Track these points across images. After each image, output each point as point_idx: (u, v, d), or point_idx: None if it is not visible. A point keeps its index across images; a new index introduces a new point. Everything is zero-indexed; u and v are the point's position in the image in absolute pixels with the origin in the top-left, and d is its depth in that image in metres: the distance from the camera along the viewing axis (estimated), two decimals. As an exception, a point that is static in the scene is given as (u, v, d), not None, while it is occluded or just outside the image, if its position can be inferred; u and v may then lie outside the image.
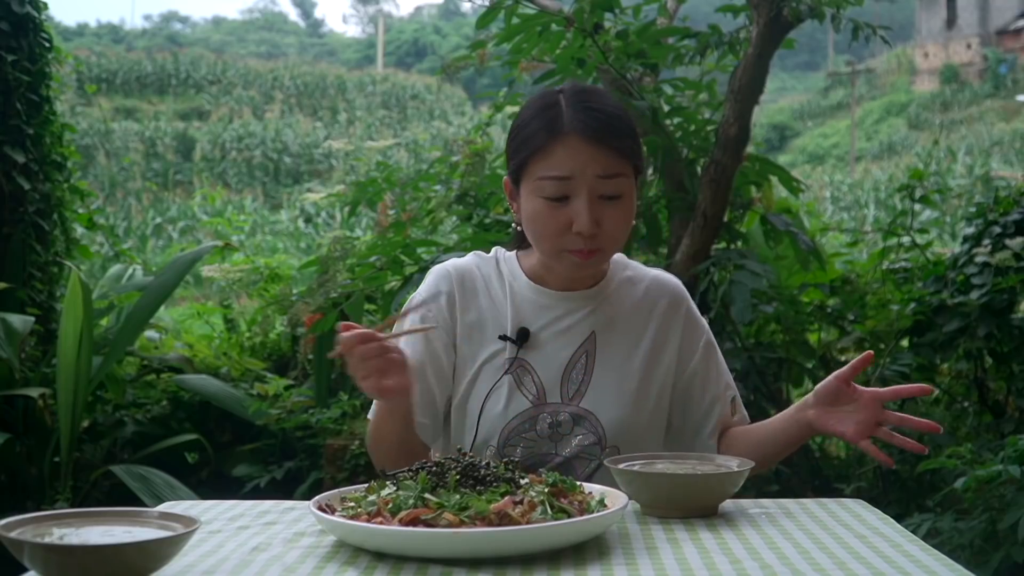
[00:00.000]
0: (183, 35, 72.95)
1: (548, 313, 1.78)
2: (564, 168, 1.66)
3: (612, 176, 1.67)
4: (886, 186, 22.78)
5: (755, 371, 3.55)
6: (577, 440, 1.74)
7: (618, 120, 1.70)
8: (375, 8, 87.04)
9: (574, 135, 1.66)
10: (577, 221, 1.66)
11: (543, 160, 1.67)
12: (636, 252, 3.57)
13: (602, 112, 1.69)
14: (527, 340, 1.76)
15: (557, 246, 1.69)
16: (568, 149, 1.66)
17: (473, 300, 1.79)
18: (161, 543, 1.18)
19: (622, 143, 1.68)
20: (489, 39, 3.59)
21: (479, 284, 1.81)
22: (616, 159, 1.67)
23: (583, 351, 1.77)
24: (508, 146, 1.77)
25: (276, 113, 34.16)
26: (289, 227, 20.27)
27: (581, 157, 1.66)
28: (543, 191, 1.67)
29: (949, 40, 42.34)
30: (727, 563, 1.24)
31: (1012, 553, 2.62)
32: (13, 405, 3.90)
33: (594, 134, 1.66)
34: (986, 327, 3.36)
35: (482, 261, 1.85)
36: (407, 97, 36.74)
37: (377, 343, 1.52)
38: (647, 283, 1.84)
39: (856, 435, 1.64)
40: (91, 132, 27.34)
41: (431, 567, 1.24)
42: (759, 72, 3.30)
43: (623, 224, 1.70)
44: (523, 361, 1.75)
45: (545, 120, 1.69)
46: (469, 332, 1.78)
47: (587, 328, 1.78)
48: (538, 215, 1.69)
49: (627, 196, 1.70)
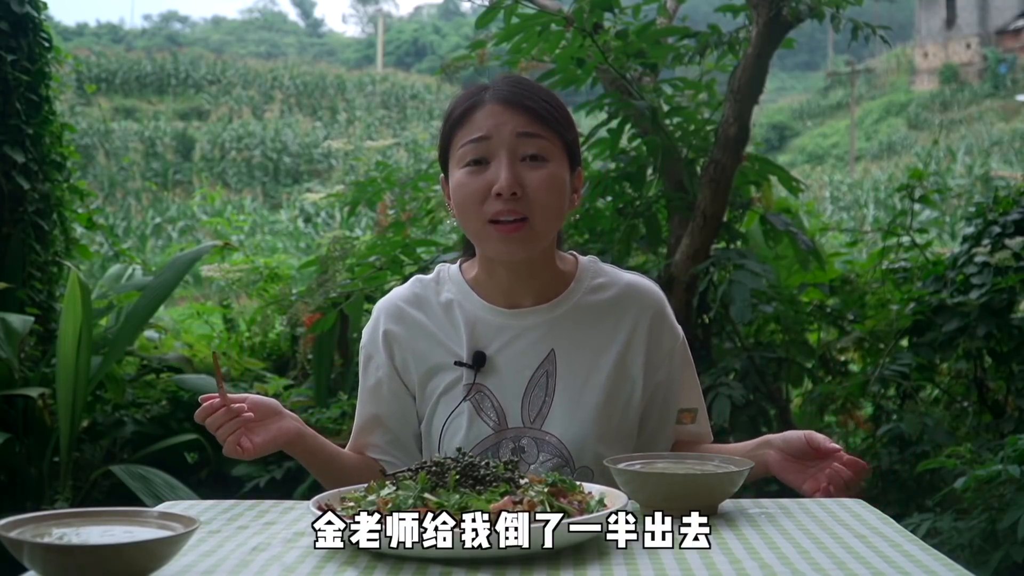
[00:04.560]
0: (183, 35, 72.94)
1: (504, 333, 1.70)
2: (481, 128, 1.62)
3: (531, 136, 1.62)
4: (886, 186, 22.78)
5: (755, 371, 3.55)
6: (542, 465, 1.66)
7: (543, 92, 1.68)
8: (375, 8, 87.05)
9: (493, 101, 1.64)
10: (497, 182, 1.60)
11: (463, 128, 1.64)
12: (636, 252, 3.57)
13: (524, 85, 1.67)
14: (483, 364, 1.69)
15: (481, 217, 1.62)
16: (485, 112, 1.64)
17: (419, 333, 1.73)
18: (161, 543, 1.18)
19: (540, 105, 1.64)
20: (489, 39, 3.59)
21: (423, 313, 1.74)
22: (536, 120, 1.63)
23: (543, 371, 1.69)
24: (439, 140, 1.73)
25: (276, 113, 34.15)
26: (289, 227, 20.26)
27: (499, 117, 1.62)
28: (464, 159, 1.63)
29: (949, 40, 42.33)
30: (727, 563, 1.24)
31: (1012, 553, 2.62)
32: (13, 405, 3.89)
33: (512, 96, 1.64)
34: (986, 327, 3.35)
35: (423, 287, 1.76)
36: (407, 97, 36.73)
37: (223, 410, 1.59)
38: (617, 290, 1.74)
39: (810, 491, 1.62)
40: (91, 132, 27.32)
41: (431, 567, 1.24)
42: (759, 72, 3.30)
43: (550, 191, 1.62)
44: (481, 386, 1.69)
45: (467, 99, 1.67)
46: (421, 365, 1.72)
47: (545, 347, 1.69)
48: (460, 185, 1.63)
49: (553, 163, 1.63)
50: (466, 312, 1.72)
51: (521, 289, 1.71)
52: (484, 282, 1.73)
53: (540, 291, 1.72)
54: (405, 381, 1.74)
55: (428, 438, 1.74)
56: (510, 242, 1.62)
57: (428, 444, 1.74)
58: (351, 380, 4.38)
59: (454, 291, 1.74)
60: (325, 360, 4.26)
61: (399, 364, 1.74)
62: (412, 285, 1.78)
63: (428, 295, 1.75)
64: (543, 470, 1.64)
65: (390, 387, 1.74)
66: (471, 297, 1.73)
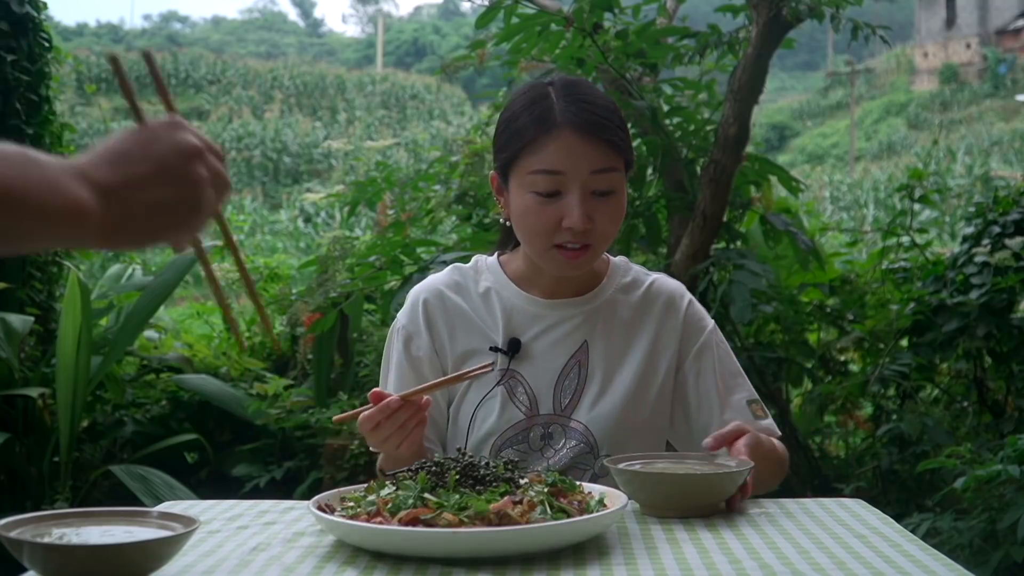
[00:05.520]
0: (182, 35, 72.97)
1: (539, 323, 1.75)
2: (557, 163, 1.63)
3: (605, 171, 1.64)
4: (885, 186, 22.78)
5: (755, 371, 3.55)
6: (569, 450, 1.71)
7: (610, 113, 1.67)
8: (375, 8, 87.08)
9: (567, 129, 1.63)
10: (568, 217, 1.62)
11: (534, 154, 1.64)
12: (636, 252, 3.57)
13: (594, 105, 1.66)
14: (519, 351, 1.74)
15: (547, 242, 1.66)
16: (560, 143, 1.63)
17: (458, 318, 1.76)
18: (160, 543, 1.18)
19: (614, 136, 1.65)
20: (489, 39, 3.60)
21: (462, 298, 1.78)
22: (609, 153, 1.64)
23: (575, 361, 1.74)
24: (496, 140, 1.73)
25: (275, 113, 34.16)
26: (288, 227, 20.27)
27: (574, 152, 1.63)
28: (534, 186, 1.64)
29: (948, 40, 42.34)
30: (727, 563, 1.24)
31: (1011, 553, 2.62)
32: (13, 405, 3.89)
33: (587, 128, 1.63)
34: (985, 327, 3.36)
35: (461, 275, 1.81)
36: (407, 97, 36.74)
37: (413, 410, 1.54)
38: (646, 287, 1.80)
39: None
40: (91, 132, 27.31)
41: (430, 567, 1.24)
42: (758, 72, 3.30)
43: (615, 221, 1.68)
44: (514, 372, 1.73)
45: (536, 113, 1.65)
46: (456, 348, 1.76)
47: (579, 337, 1.75)
48: (529, 211, 1.65)
49: (619, 192, 1.67)
50: (504, 300, 1.77)
51: (564, 284, 1.77)
52: (526, 276, 1.78)
53: (579, 286, 1.78)
54: (442, 362, 1.77)
55: (455, 422, 1.76)
56: (574, 267, 1.69)
57: (455, 427, 1.76)
58: (351, 380, 4.38)
59: (492, 280, 1.79)
60: (325, 360, 4.26)
61: (437, 345, 1.77)
62: (451, 272, 1.82)
63: (467, 282, 1.80)
64: (571, 455, 1.70)
65: (431, 366, 1.77)
66: (509, 287, 1.78)
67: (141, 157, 0.92)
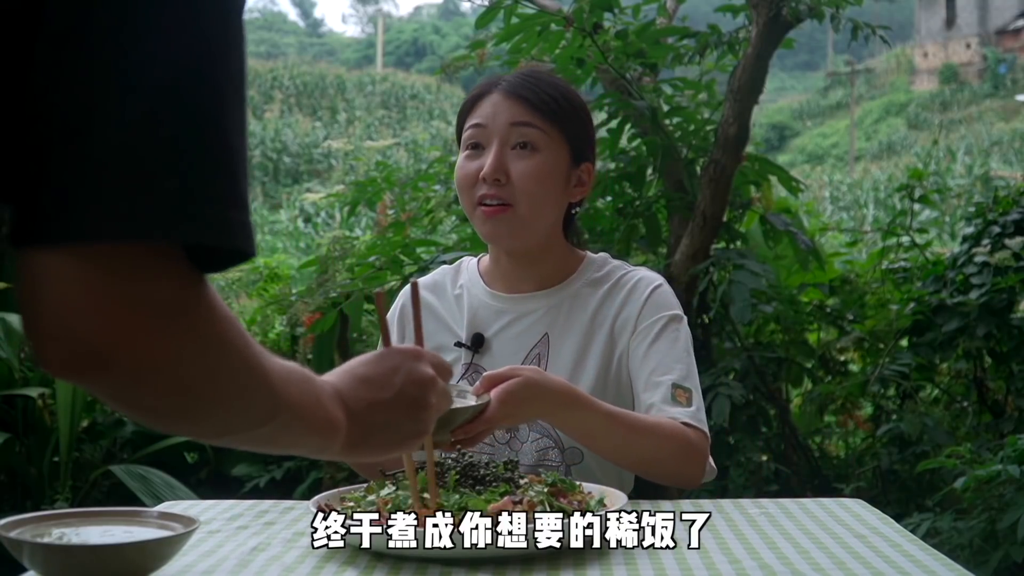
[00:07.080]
0: (182, 35, 72.79)
1: (502, 317, 1.77)
2: (480, 117, 1.71)
3: (524, 124, 1.68)
4: (885, 186, 22.77)
5: (754, 371, 3.55)
6: (534, 445, 1.70)
7: (550, 84, 1.73)
8: (374, 8, 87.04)
9: (497, 91, 1.72)
10: (485, 168, 1.68)
11: (469, 115, 1.73)
12: (636, 252, 3.57)
13: (536, 79, 1.73)
14: (482, 345, 1.76)
15: (471, 199, 1.70)
16: (489, 101, 1.72)
17: (428, 314, 1.78)
18: (160, 543, 1.18)
19: (540, 96, 1.70)
20: (488, 39, 3.59)
21: (436, 297, 1.83)
22: (531, 109, 1.69)
23: (535, 353, 1.74)
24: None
25: (275, 113, 34.14)
26: (288, 227, 20.25)
27: (497, 106, 1.70)
28: (465, 143, 1.72)
29: (948, 40, 42.34)
30: (726, 563, 1.24)
31: (1011, 553, 2.62)
32: (13, 405, 3.89)
33: (515, 88, 1.71)
34: (985, 327, 3.36)
35: (443, 275, 1.87)
36: (407, 97, 36.72)
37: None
38: (616, 279, 1.76)
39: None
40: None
41: (430, 567, 1.24)
42: (758, 72, 3.30)
43: (536, 179, 1.67)
44: (478, 367, 1.74)
45: (480, 88, 1.76)
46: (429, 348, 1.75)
47: (540, 330, 1.75)
48: (457, 168, 1.74)
49: (541, 150, 1.69)
50: (472, 297, 1.80)
51: (522, 277, 1.78)
52: (491, 270, 1.81)
53: (540, 280, 1.78)
54: None
55: None
56: (494, 224, 1.69)
57: None
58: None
59: (466, 278, 1.83)
60: (325, 360, 4.25)
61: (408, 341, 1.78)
62: (435, 273, 1.89)
63: (445, 282, 1.85)
64: (535, 448, 1.69)
65: None
66: (478, 284, 1.82)
67: (385, 384, 1.05)
